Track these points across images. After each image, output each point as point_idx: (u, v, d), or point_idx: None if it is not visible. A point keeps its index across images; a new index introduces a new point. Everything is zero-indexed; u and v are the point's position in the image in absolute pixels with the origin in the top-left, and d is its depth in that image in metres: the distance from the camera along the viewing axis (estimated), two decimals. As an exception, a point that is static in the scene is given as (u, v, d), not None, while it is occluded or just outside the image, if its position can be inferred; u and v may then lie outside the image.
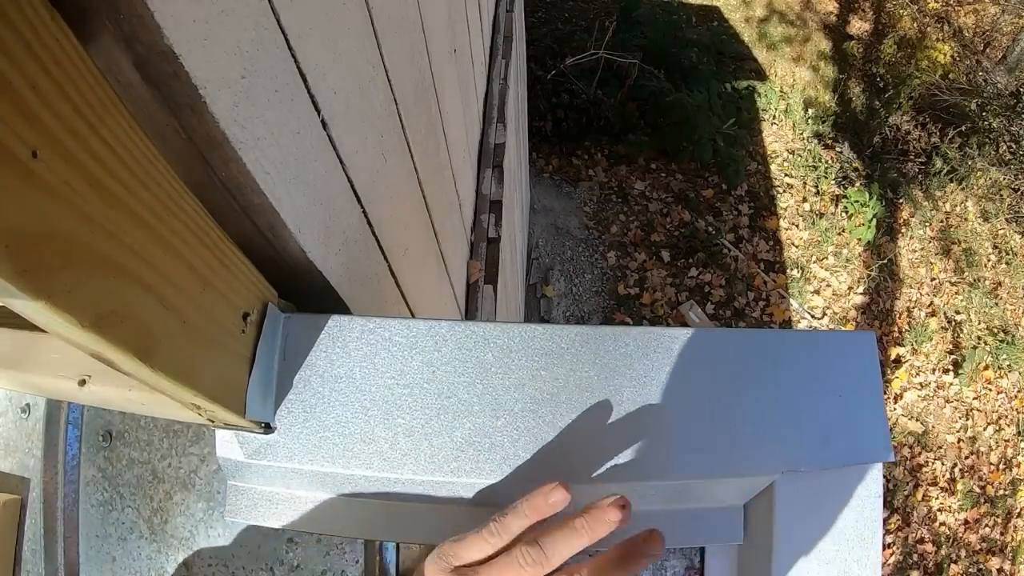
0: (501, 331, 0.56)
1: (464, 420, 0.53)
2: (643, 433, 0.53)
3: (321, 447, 0.52)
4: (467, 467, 0.52)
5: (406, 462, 0.51)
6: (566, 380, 0.54)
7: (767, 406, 0.55)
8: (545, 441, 0.52)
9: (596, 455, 0.52)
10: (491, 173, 1.97)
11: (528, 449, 0.52)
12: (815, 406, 0.55)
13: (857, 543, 0.57)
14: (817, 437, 0.54)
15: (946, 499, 4.01)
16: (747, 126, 5.31)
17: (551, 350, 0.55)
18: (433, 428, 0.52)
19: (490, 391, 0.53)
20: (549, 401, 0.54)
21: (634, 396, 0.54)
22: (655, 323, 4.32)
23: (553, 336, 0.56)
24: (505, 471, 0.52)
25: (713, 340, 0.57)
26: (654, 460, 0.52)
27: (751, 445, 0.53)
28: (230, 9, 0.38)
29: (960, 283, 4.78)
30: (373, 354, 0.54)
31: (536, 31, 5.54)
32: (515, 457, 0.52)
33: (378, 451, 0.52)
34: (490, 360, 0.54)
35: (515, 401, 0.53)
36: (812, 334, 0.58)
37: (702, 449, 0.53)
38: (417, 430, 0.52)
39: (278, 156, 0.47)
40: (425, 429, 0.52)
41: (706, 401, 0.54)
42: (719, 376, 0.55)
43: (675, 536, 0.57)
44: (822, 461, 0.54)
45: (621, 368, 0.55)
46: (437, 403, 0.53)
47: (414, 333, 0.55)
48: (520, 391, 0.54)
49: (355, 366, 0.54)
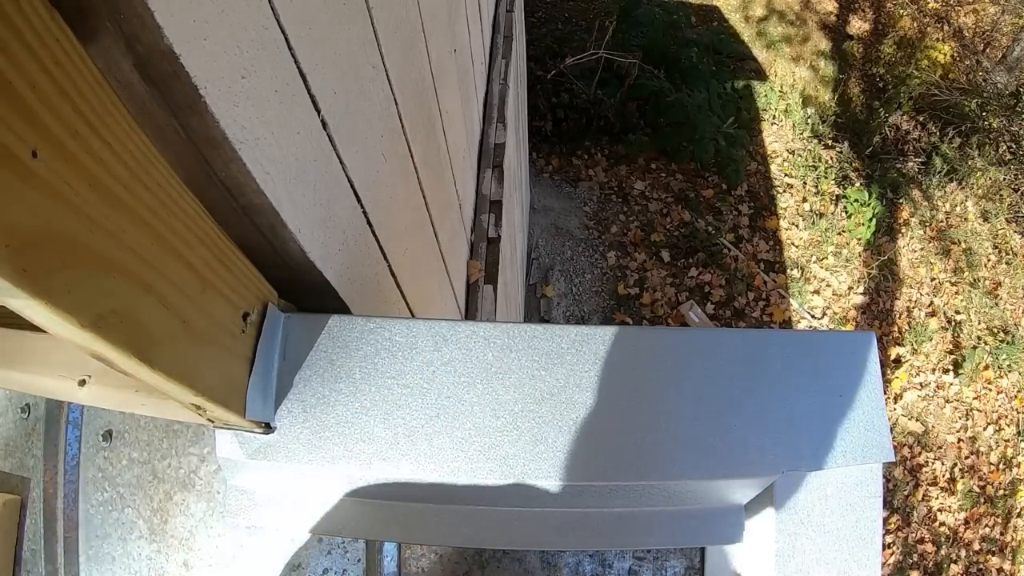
0: (501, 331, 0.56)
1: (464, 420, 0.53)
2: (642, 433, 0.53)
3: (321, 447, 0.52)
4: (467, 467, 0.52)
5: (406, 462, 0.51)
6: (566, 380, 0.54)
7: (767, 406, 0.55)
8: (544, 441, 0.52)
9: (595, 455, 0.52)
10: (491, 173, 1.97)
11: (527, 449, 0.52)
12: (815, 406, 0.55)
13: (857, 543, 0.57)
14: (817, 437, 0.54)
15: (946, 499, 4.01)
16: (747, 126, 5.31)
17: (551, 350, 0.55)
18: (433, 428, 0.52)
19: (490, 391, 0.53)
20: (549, 401, 0.54)
21: (634, 396, 0.54)
22: (655, 323, 4.32)
23: (553, 336, 0.56)
24: (504, 471, 0.52)
25: (713, 340, 0.57)
26: (653, 460, 0.52)
27: (751, 446, 0.53)
28: (230, 9, 0.38)
29: (960, 283, 4.78)
30: (374, 354, 0.54)
31: (536, 31, 5.54)
32: (514, 457, 0.52)
33: (378, 451, 0.52)
34: (490, 360, 0.54)
35: (515, 401, 0.53)
36: (812, 334, 0.58)
37: (702, 449, 0.53)
38: (417, 430, 0.52)
39: (278, 156, 0.46)
40: (425, 429, 0.52)
41: (706, 401, 0.54)
42: (719, 376, 0.55)
43: (676, 536, 0.57)
44: (822, 461, 0.54)
45: (621, 368, 0.55)
46: (437, 403, 0.53)
47: (414, 333, 0.55)
48: (520, 391, 0.54)
49: (355, 366, 0.54)
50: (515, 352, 0.55)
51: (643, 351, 0.55)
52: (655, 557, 0.68)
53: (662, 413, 0.54)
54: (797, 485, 0.57)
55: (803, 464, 0.53)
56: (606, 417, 0.53)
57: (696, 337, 0.57)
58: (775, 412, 0.54)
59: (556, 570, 0.68)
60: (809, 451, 0.54)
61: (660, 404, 0.54)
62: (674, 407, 0.54)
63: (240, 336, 0.48)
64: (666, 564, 0.67)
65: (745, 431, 0.53)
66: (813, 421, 0.55)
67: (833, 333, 0.62)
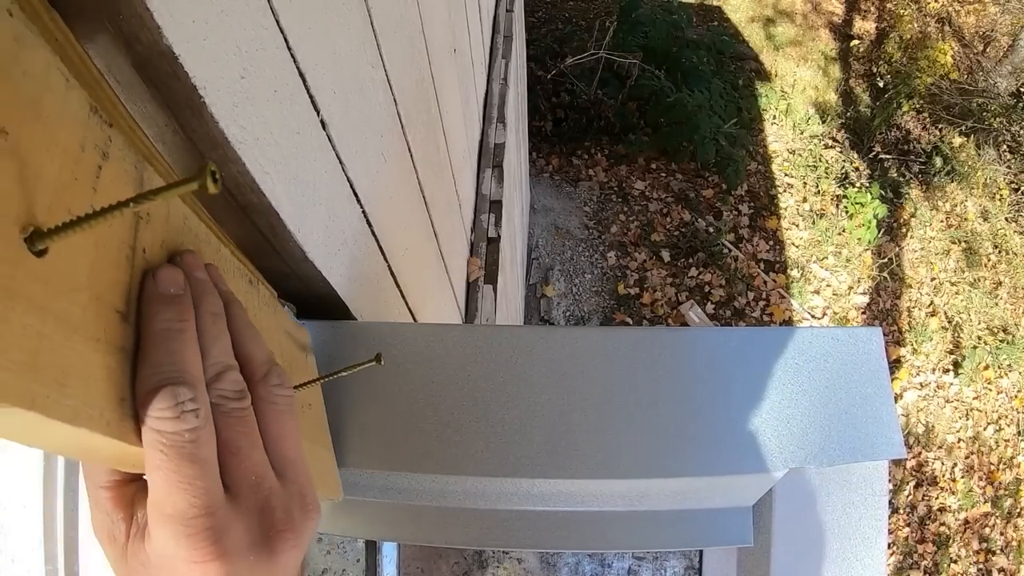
0: (500, 332, 0.56)
1: (474, 418, 0.53)
2: (642, 432, 0.53)
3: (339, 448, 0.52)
4: (472, 467, 0.52)
5: (423, 463, 0.51)
6: (572, 380, 0.54)
7: (773, 403, 0.54)
8: (551, 435, 0.52)
9: (598, 453, 0.52)
10: (491, 173, 1.97)
11: (536, 443, 0.52)
12: (822, 403, 0.55)
13: (861, 543, 0.57)
14: (824, 434, 0.54)
15: (946, 499, 4.00)
16: (748, 126, 5.31)
17: (560, 353, 0.55)
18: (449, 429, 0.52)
19: (499, 387, 0.53)
20: (553, 400, 0.54)
21: (636, 394, 0.54)
22: (655, 323, 4.32)
23: (560, 337, 0.56)
24: (514, 468, 0.52)
25: (716, 338, 0.57)
26: (655, 458, 0.52)
27: (755, 442, 0.53)
28: (229, 9, 0.38)
29: (960, 283, 4.78)
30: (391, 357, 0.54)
31: (536, 31, 5.54)
32: (526, 458, 0.52)
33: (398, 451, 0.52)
34: (493, 360, 0.54)
35: (523, 399, 0.53)
36: (818, 331, 0.58)
37: (705, 447, 0.53)
38: (432, 432, 0.52)
39: (278, 156, 0.46)
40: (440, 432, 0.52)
41: (709, 399, 0.54)
42: (722, 374, 0.55)
43: (685, 538, 0.57)
44: (829, 458, 0.54)
45: (624, 367, 0.55)
46: (463, 403, 0.53)
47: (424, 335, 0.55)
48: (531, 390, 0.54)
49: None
50: (517, 352, 0.55)
51: (643, 351, 0.55)
52: (655, 557, 0.67)
53: (664, 411, 0.53)
54: (801, 482, 0.56)
55: (809, 461, 0.53)
56: (607, 417, 0.53)
57: (699, 336, 0.57)
58: (780, 409, 0.54)
59: (556, 570, 0.68)
60: (816, 448, 0.54)
61: (661, 403, 0.54)
62: (677, 405, 0.54)
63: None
64: (665, 564, 0.67)
65: (749, 429, 0.53)
66: (820, 418, 0.54)
67: (839, 329, 0.61)
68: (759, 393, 0.55)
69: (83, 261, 0.22)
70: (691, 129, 4.62)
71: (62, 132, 0.23)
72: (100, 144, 0.25)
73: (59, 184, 0.22)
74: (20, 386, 0.18)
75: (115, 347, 0.23)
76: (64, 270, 0.21)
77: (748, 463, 0.53)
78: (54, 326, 0.20)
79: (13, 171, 0.20)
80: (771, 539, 0.56)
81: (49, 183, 0.21)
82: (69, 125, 0.23)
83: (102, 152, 0.25)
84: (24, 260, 0.19)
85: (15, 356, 0.18)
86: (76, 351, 0.21)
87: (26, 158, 0.20)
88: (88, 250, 0.23)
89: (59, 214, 0.21)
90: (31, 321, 0.19)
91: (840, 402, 0.55)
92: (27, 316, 0.19)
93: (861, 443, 0.54)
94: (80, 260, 0.22)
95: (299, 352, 0.49)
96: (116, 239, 0.25)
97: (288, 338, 0.46)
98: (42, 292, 0.20)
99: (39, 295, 0.20)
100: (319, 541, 0.65)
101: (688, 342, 0.56)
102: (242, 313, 0.35)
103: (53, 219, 0.21)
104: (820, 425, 0.54)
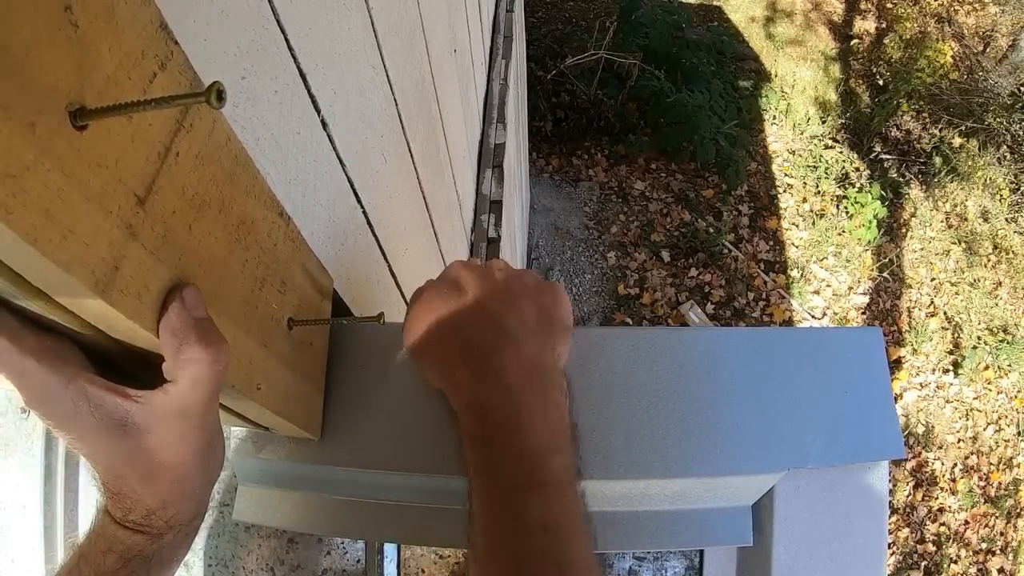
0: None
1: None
2: (642, 431, 0.53)
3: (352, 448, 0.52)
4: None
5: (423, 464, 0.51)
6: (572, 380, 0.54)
7: (772, 404, 0.54)
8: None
9: (598, 454, 0.52)
10: (491, 173, 1.97)
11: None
12: (822, 403, 0.55)
13: (861, 543, 0.57)
14: (824, 434, 0.54)
15: (946, 499, 4.00)
16: (748, 126, 5.31)
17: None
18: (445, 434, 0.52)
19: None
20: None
21: (636, 395, 0.54)
22: (655, 323, 4.32)
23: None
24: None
25: (717, 339, 0.57)
26: (655, 458, 0.52)
27: (755, 443, 0.53)
28: (230, 9, 0.38)
29: (960, 283, 4.77)
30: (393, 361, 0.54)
31: (536, 31, 5.54)
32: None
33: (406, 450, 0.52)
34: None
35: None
36: (818, 331, 0.58)
37: (705, 447, 0.53)
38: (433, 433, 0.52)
39: (278, 156, 0.47)
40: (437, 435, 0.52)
41: (709, 399, 0.54)
42: (722, 374, 0.55)
43: (685, 538, 0.57)
44: (830, 458, 0.54)
45: (624, 368, 0.55)
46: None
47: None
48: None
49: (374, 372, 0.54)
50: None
51: (642, 351, 0.55)
52: (655, 557, 0.67)
53: (664, 411, 0.53)
54: (801, 483, 0.56)
55: (810, 461, 0.53)
56: (606, 417, 0.53)
57: (700, 336, 0.57)
58: (780, 409, 0.54)
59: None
60: (816, 447, 0.53)
61: (661, 403, 0.54)
62: (676, 406, 0.54)
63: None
64: (666, 564, 0.67)
65: (749, 428, 0.53)
66: (820, 417, 0.54)
67: (840, 329, 0.61)
68: (759, 393, 0.55)
69: (116, 145, 0.25)
70: (691, 129, 4.62)
71: (128, 37, 0.26)
72: (161, 55, 0.28)
73: (113, 79, 0.25)
74: (30, 221, 0.21)
75: (123, 222, 0.26)
76: (96, 148, 0.24)
77: (748, 463, 0.53)
78: (74, 188, 0.23)
79: (75, 56, 0.23)
80: (771, 539, 0.56)
81: (104, 75, 0.24)
82: (136, 34, 0.26)
83: (160, 63, 0.28)
84: (63, 128, 0.22)
85: (33, 200, 0.21)
86: (87, 215, 0.24)
87: (89, 50, 0.24)
88: (124, 139, 0.26)
89: (106, 102, 0.24)
90: (54, 179, 0.22)
91: (840, 402, 0.55)
92: (52, 173, 0.22)
93: (861, 443, 0.54)
94: (113, 143, 0.25)
95: (315, 293, 0.50)
96: (152, 137, 0.28)
97: (304, 274, 0.47)
98: (72, 159, 0.23)
99: (68, 161, 0.23)
100: (319, 541, 0.65)
101: (688, 342, 0.56)
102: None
103: (99, 103, 0.24)
104: (820, 425, 0.54)
